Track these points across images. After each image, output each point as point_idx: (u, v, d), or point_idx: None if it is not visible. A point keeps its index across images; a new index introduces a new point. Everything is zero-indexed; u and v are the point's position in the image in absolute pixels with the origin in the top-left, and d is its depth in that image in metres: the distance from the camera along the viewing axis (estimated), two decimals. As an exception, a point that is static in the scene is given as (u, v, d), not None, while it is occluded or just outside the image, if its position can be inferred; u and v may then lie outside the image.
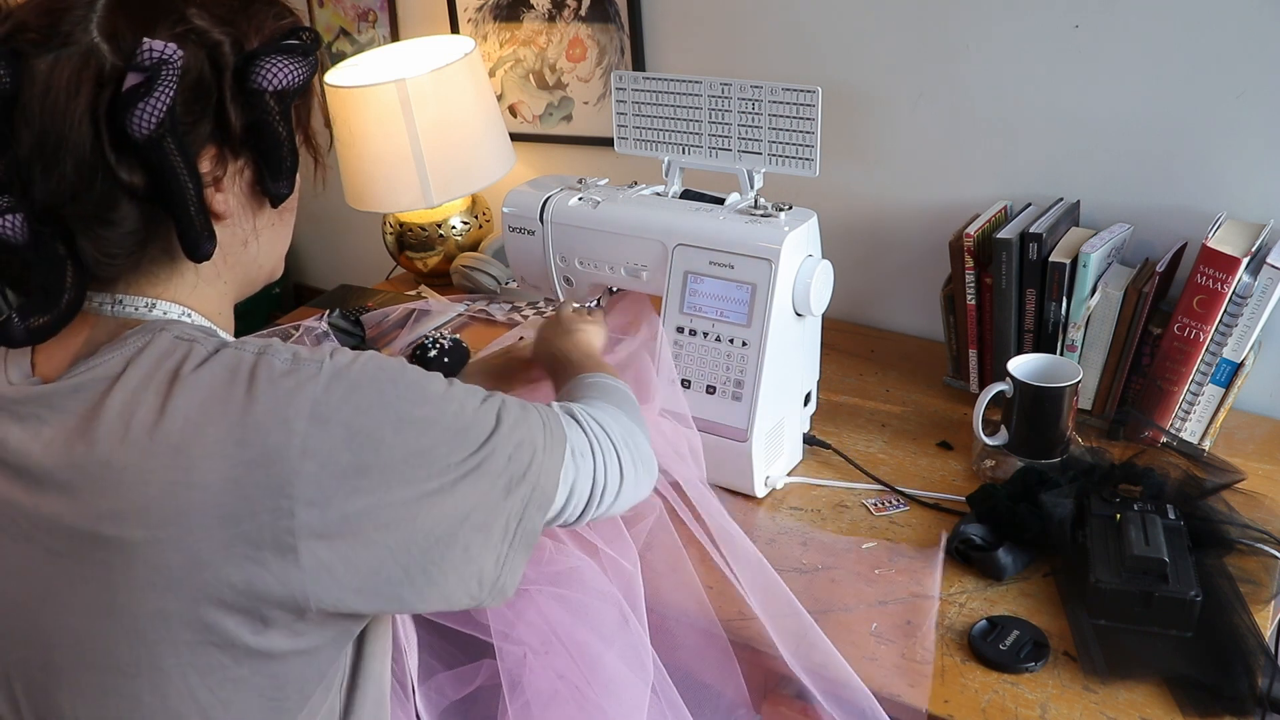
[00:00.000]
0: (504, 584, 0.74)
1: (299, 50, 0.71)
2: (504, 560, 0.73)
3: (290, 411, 0.65)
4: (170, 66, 0.63)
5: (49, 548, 0.66)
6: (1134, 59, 1.25)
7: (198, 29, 0.67)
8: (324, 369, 0.67)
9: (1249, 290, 1.11)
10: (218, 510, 0.63)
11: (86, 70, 0.64)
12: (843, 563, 1.05)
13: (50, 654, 0.68)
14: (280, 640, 0.67)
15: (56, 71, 0.63)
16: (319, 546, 0.65)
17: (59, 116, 0.63)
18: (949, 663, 0.93)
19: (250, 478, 0.63)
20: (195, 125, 0.68)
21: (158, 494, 0.63)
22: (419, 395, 0.70)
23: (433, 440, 0.69)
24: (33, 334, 0.66)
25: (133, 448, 0.64)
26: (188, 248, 0.69)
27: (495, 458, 0.72)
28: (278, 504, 0.64)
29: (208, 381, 0.66)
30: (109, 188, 0.66)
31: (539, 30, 1.75)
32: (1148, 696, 0.87)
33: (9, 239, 0.63)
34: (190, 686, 0.66)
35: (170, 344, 0.68)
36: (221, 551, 0.63)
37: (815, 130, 1.10)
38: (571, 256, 1.22)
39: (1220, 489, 1.06)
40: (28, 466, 0.67)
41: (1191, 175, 1.26)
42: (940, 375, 1.41)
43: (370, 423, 0.66)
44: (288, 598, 0.65)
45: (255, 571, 0.64)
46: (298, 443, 0.64)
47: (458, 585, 0.71)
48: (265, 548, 0.64)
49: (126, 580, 0.64)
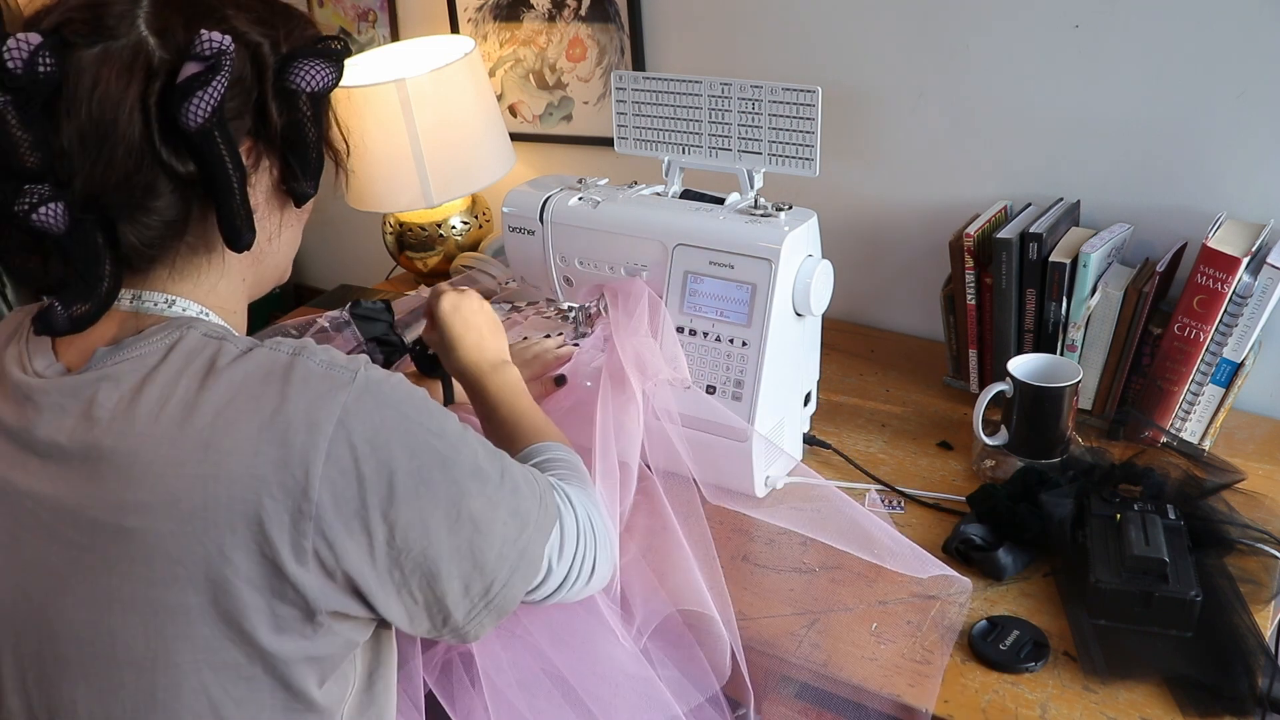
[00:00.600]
0: (465, 634, 0.75)
1: (333, 55, 0.74)
2: (473, 616, 0.74)
3: (320, 415, 0.66)
4: (227, 58, 0.65)
5: (69, 540, 0.67)
6: (1134, 59, 1.25)
7: (237, 30, 0.69)
8: (358, 378, 0.68)
9: (1249, 290, 1.11)
10: (242, 506, 0.64)
11: (137, 62, 0.65)
12: (843, 563, 1.05)
13: (64, 647, 0.68)
14: (292, 643, 0.68)
15: (106, 63, 0.65)
16: (328, 551, 0.66)
17: (110, 107, 0.65)
18: (949, 663, 0.93)
19: (276, 476, 0.64)
20: (238, 119, 0.70)
21: (185, 487, 0.64)
22: (439, 428, 0.72)
23: (443, 476, 0.70)
24: (75, 322, 0.67)
25: (162, 441, 0.65)
26: (230, 236, 0.70)
27: (495, 514, 0.73)
28: (299, 505, 0.65)
29: (241, 379, 0.67)
30: (154, 176, 0.67)
31: (539, 30, 1.75)
32: (1148, 696, 0.87)
33: (50, 227, 0.64)
34: (204, 683, 0.67)
35: (200, 341, 0.69)
36: (242, 548, 0.64)
37: (815, 130, 1.10)
38: (571, 256, 1.22)
39: (1220, 489, 1.06)
40: (51, 455, 0.67)
41: (1191, 175, 1.26)
42: (940, 375, 1.41)
43: (391, 441, 0.68)
44: (299, 599, 0.66)
45: (273, 569, 0.65)
46: (324, 445, 0.65)
47: (424, 616, 0.72)
48: (284, 546, 0.65)
49: (147, 573, 0.65)
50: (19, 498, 0.68)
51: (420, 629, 0.73)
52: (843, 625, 0.98)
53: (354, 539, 0.67)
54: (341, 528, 0.66)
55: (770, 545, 1.09)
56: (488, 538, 0.72)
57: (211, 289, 0.75)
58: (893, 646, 0.95)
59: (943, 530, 1.09)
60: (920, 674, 0.92)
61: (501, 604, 0.75)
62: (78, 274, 0.67)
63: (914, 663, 0.93)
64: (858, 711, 0.92)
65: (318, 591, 0.67)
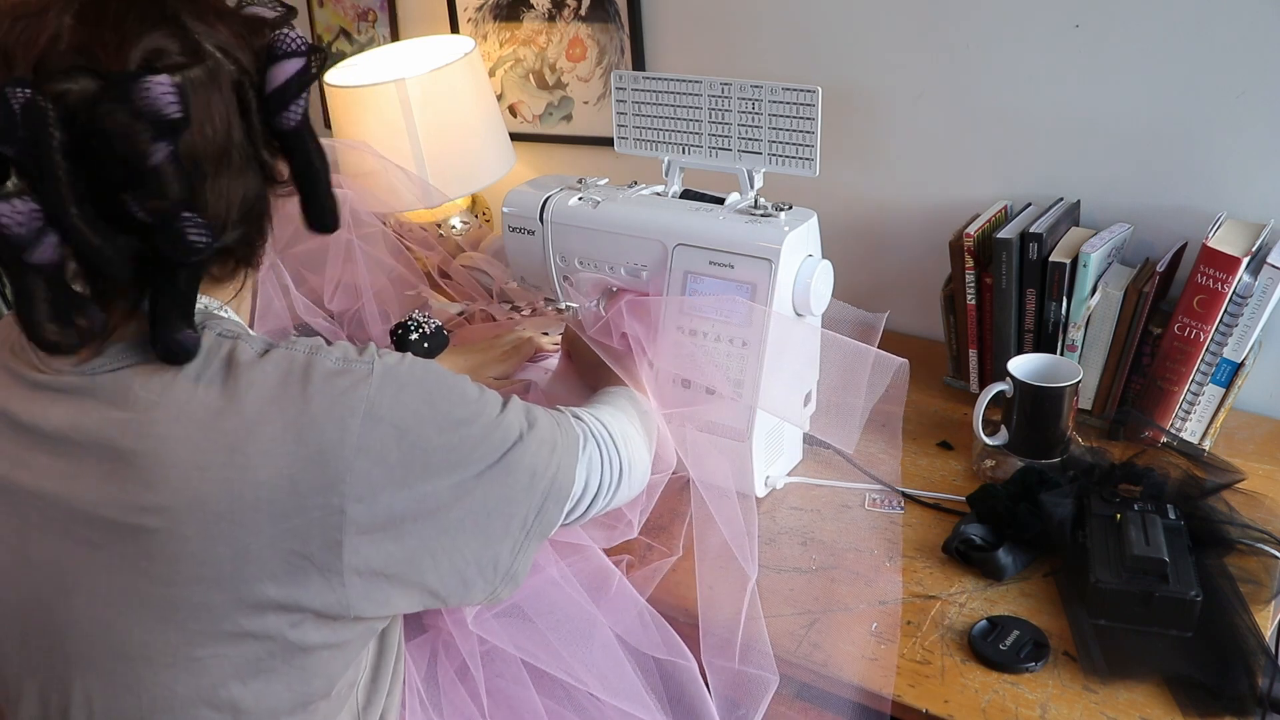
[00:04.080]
0: (516, 571, 0.77)
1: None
2: (519, 548, 0.77)
3: (345, 410, 0.66)
4: (318, 53, 0.68)
5: (81, 538, 0.67)
6: (1134, 59, 1.25)
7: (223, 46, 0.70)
8: (375, 369, 0.69)
9: (1249, 290, 1.11)
10: (271, 508, 0.64)
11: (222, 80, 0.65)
12: (843, 563, 1.05)
13: (75, 644, 0.68)
14: (314, 633, 0.68)
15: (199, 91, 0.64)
16: (361, 541, 0.67)
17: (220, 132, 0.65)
18: (949, 663, 0.93)
19: (305, 475, 0.65)
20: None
21: (212, 490, 0.64)
22: (460, 397, 0.73)
23: (472, 438, 0.72)
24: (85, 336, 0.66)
25: (185, 443, 0.65)
26: (324, 219, 0.73)
27: (523, 454, 0.75)
28: (329, 501, 0.65)
29: (261, 380, 0.67)
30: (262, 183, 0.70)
31: (539, 30, 1.75)
32: (1148, 696, 0.87)
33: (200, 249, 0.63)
34: (224, 676, 0.67)
35: (215, 341, 0.69)
36: (268, 548, 0.65)
37: (815, 130, 1.10)
38: (571, 256, 1.22)
39: (1220, 489, 1.06)
40: (63, 454, 0.67)
41: (1191, 175, 1.26)
42: (940, 375, 1.41)
43: (418, 421, 0.69)
44: (329, 594, 0.67)
45: (299, 565, 0.65)
46: (353, 440, 0.66)
47: (476, 573, 0.74)
48: (312, 542, 0.65)
49: (168, 573, 0.65)
50: (27, 496, 0.68)
51: (475, 591, 0.75)
52: (843, 625, 0.98)
53: (397, 525, 0.68)
54: (384, 515, 0.67)
55: (770, 545, 1.09)
56: (517, 479, 0.75)
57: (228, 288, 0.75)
58: (893, 646, 0.95)
59: (943, 530, 1.09)
60: (920, 674, 0.92)
61: (541, 529, 0.79)
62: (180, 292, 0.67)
63: (914, 663, 0.93)
64: (858, 711, 0.92)
65: (353, 586, 0.67)
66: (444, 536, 0.71)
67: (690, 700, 0.94)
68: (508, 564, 0.76)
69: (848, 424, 1.03)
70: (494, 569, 0.75)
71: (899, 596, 1.00)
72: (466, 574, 0.74)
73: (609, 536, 1.03)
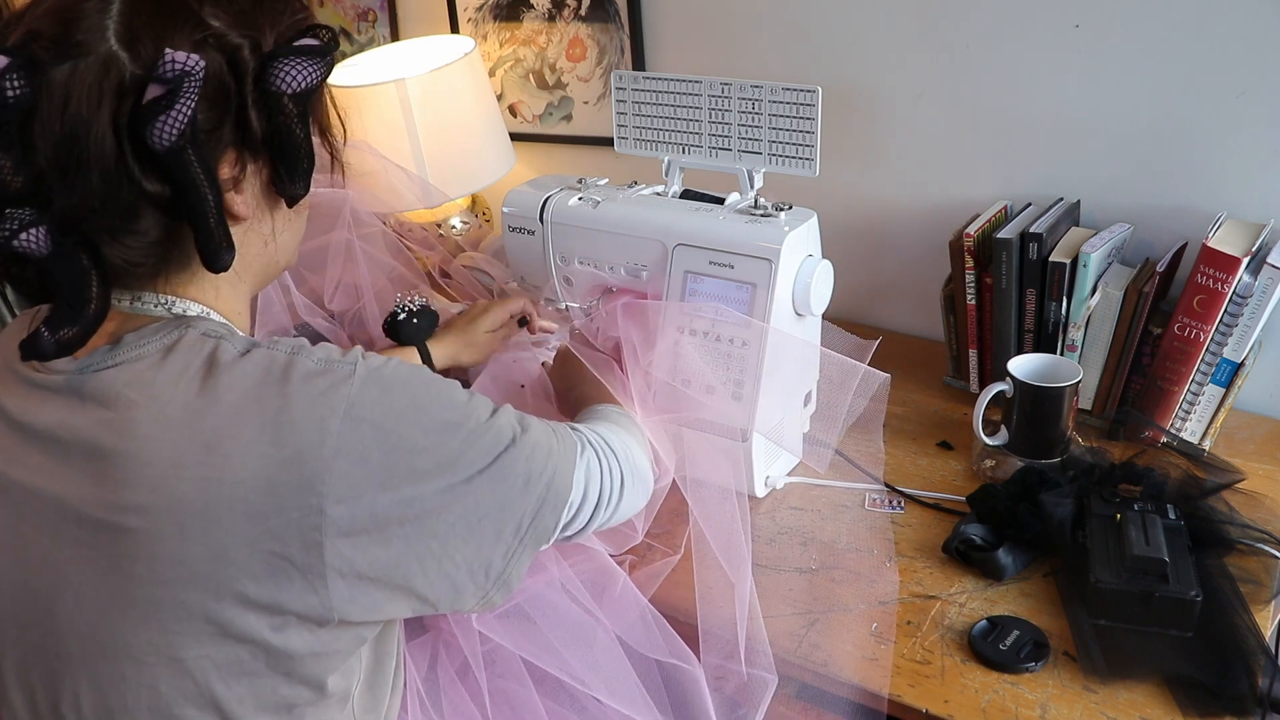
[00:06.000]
0: (509, 577, 0.76)
1: (316, 51, 0.71)
2: (512, 554, 0.75)
3: (325, 411, 0.66)
4: (192, 79, 0.62)
5: (72, 537, 0.67)
6: (1134, 59, 1.25)
7: (216, 32, 0.67)
8: (358, 369, 0.68)
9: (1249, 290, 1.10)
10: (247, 507, 0.64)
11: (107, 80, 0.63)
12: (843, 563, 1.05)
13: (66, 642, 0.68)
14: (298, 638, 0.68)
15: (75, 81, 0.62)
16: (343, 544, 0.66)
17: (81, 127, 0.62)
18: (949, 663, 0.93)
19: (283, 476, 0.64)
20: (215, 131, 0.68)
21: (189, 490, 0.64)
22: (448, 400, 0.72)
23: (460, 442, 0.71)
24: (62, 347, 0.66)
25: (162, 443, 0.65)
26: (207, 259, 0.69)
27: (516, 458, 0.74)
28: (307, 501, 0.64)
29: (240, 380, 0.66)
30: (134, 198, 0.65)
31: (539, 30, 1.75)
32: (1148, 696, 0.87)
33: (32, 252, 0.62)
34: (208, 678, 0.67)
35: (198, 341, 0.69)
36: (246, 548, 0.64)
37: (815, 130, 1.10)
38: (571, 256, 1.22)
39: (1220, 489, 1.06)
40: (52, 452, 0.67)
41: (1191, 175, 1.26)
42: (940, 375, 1.41)
43: (402, 424, 0.68)
44: (311, 598, 0.66)
45: (279, 566, 0.65)
46: (332, 442, 0.65)
47: (467, 578, 0.73)
48: (292, 544, 0.65)
49: (149, 573, 0.65)
50: (23, 492, 0.68)
51: (466, 597, 0.74)
52: (843, 625, 0.98)
53: (382, 529, 0.67)
54: (367, 517, 0.66)
55: (770, 545, 1.09)
56: (510, 483, 0.74)
57: (214, 290, 0.75)
58: (892, 646, 0.95)
59: (943, 530, 1.09)
60: (920, 674, 0.92)
61: (535, 536, 0.76)
62: (63, 297, 0.65)
63: (914, 663, 0.93)
64: (857, 711, 0.92)
65: (336, 589, 0.67)
66: (433, 541, 0.70)
67: (691, 701, 0.94)
68: (500, 569, 0.74)
69: (830, 430, 1.05)
70: (485, 575, 0.74)
71: (895, 596, 1.00)
72: (457, 579, 0.72)
73: (614, 541, 1.03)
